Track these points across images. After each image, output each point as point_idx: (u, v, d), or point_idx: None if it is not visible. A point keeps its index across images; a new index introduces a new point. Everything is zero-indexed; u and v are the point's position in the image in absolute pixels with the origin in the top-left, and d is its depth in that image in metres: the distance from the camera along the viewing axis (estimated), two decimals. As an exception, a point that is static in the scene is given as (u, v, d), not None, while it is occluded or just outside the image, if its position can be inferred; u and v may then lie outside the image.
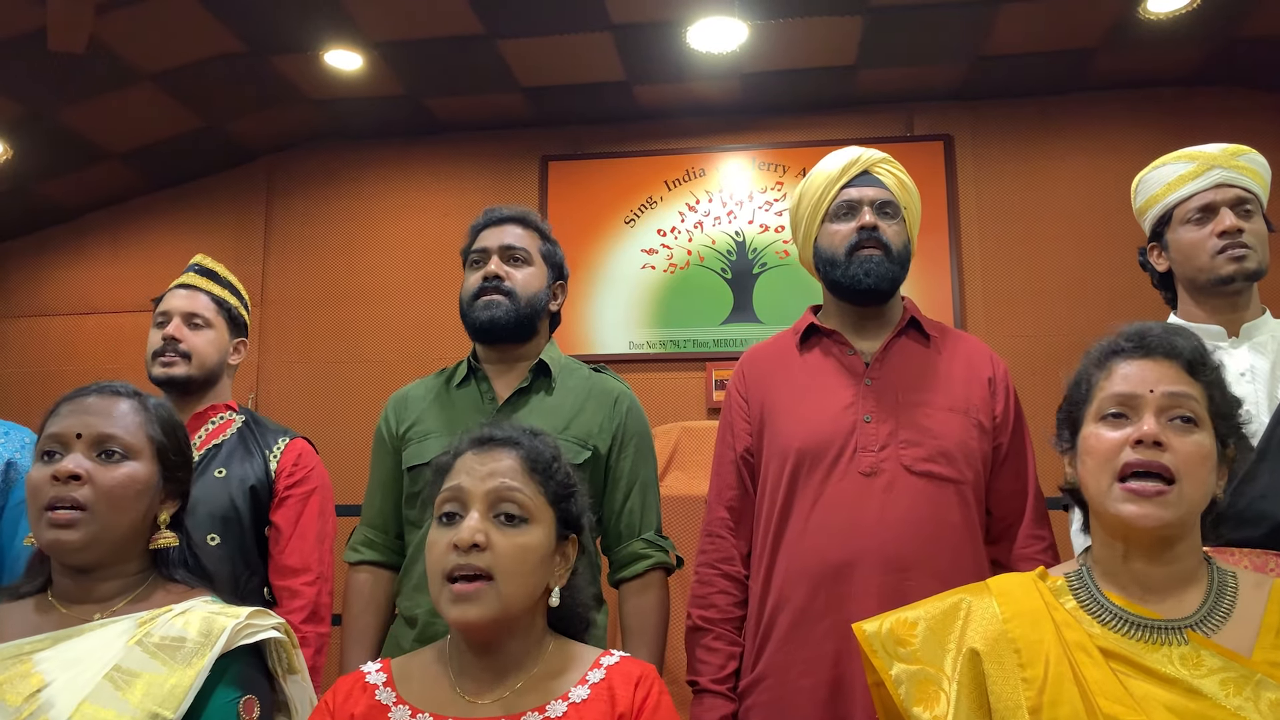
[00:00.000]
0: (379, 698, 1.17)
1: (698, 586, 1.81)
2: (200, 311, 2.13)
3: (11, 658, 1.13)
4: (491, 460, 1.21)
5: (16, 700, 1.08)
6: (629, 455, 1.92)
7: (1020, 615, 1.11)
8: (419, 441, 1.91)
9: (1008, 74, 4.35)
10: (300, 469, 2.07)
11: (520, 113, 4.67)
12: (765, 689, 1.68)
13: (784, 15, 3.85)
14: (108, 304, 5.02)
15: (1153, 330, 1.20)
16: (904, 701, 1.11)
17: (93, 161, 4.70)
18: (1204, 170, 1.79)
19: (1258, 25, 3.93)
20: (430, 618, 1.74)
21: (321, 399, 4.70)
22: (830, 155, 1.89)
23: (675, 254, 4.62)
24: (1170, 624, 1.07)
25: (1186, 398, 1.13)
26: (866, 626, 1.19)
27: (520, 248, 1.99)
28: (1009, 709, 1.05)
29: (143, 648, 1.14)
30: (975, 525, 1.70)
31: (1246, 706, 0.99)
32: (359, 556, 1.93)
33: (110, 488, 1.22)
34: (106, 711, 1.07)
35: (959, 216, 4.50)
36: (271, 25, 3.90)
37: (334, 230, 4.93)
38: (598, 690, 1.16)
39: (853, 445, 1.69)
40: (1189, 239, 1.78)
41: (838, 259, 1.78)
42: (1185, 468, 1.09)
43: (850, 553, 1.64)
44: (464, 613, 1.12)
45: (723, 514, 1.83)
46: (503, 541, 1.15)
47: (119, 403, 1.30)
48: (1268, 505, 1.51)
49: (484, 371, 1.98)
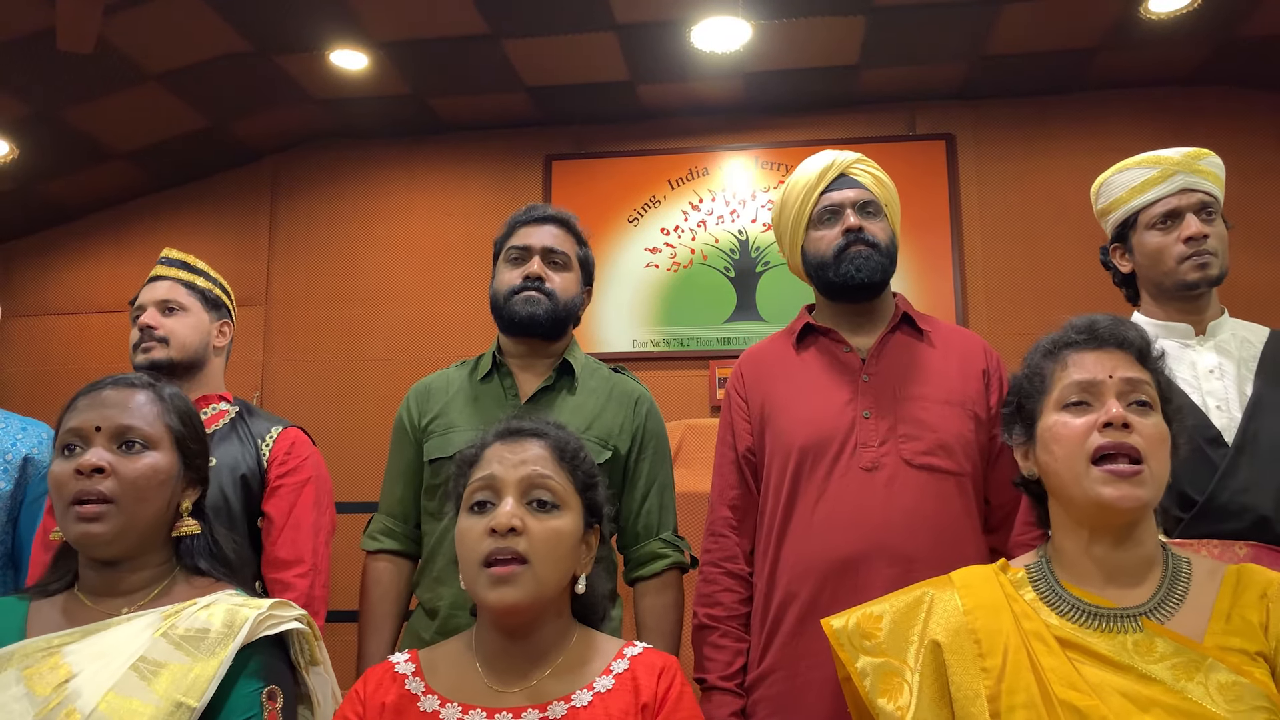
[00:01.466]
0: (409, 687, 1.19)
1: (703, 585, 1.83)
2: (174, 298, 2.12)
3: (41, 651, 1.15)
4: (522, 450, 1.24)
5: (45, 690, 1.10)
6: (648, 457, 1.95)
7: (981, 607, 1.13)
8: (442, 434, 1.92)
9: (1009, 73, 4.37)
10: (293, 458, 2.02)
11: (524, 112, 4.70)
12: (773, 683, 1.70)
13: (787, 15, 3.87)
14: (112, 303, 5.04)
15: (1101, 321, 1.24)
16: (869, 693, 1.13)
17: (97, 161, 4.72)
18: (1168, 175, 1.80)
19: (1258, 25, 3.95)
20: (452, 610, 1.76)
21: (326, 397, 4.72)
22: (805, 162, 1.91)
23: (679, 253, 4.65)
24: (1125, 612, 1.10)
25: (1142, 383, 1.16)
26: (834, 623, 1.21)
27: (561, 251, 2.00)
28: (968, 698, 1.07)
29: (168, 639, 1.16)
30: (975, 516, 1.73)
31: (1196, 690, 1.01)
32: (378, 545, 1.94)
33: (134, 479, 1.24)
34: (132, 700, 1.09)
35: (961, 215, 4.52)
36: (277, 25, 3.92)
37: (338, 229, 4.96)
38: (622, 680, 1.18)
39: (853, 441, 1.71)
40: (1155, 244, 1.80)
41: (827, 262, 1.81)
42: (1150, 448, 1.12)
43: (856, 547, 1.66)
44: (503, 595, 1.15)
45: (726, 513, 1.85)
46: (537, 526, 1.18)
47: (136, 394, 1.31)
48: (1250, 498, 1.54)
49: (508, 367, 1.98)
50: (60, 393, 5.05)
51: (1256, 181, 4.37)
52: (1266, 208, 4.36)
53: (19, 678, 1.12)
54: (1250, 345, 1.77)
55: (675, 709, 1.16)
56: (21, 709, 1.08)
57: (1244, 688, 1.01)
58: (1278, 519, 1.54)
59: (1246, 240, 4.28)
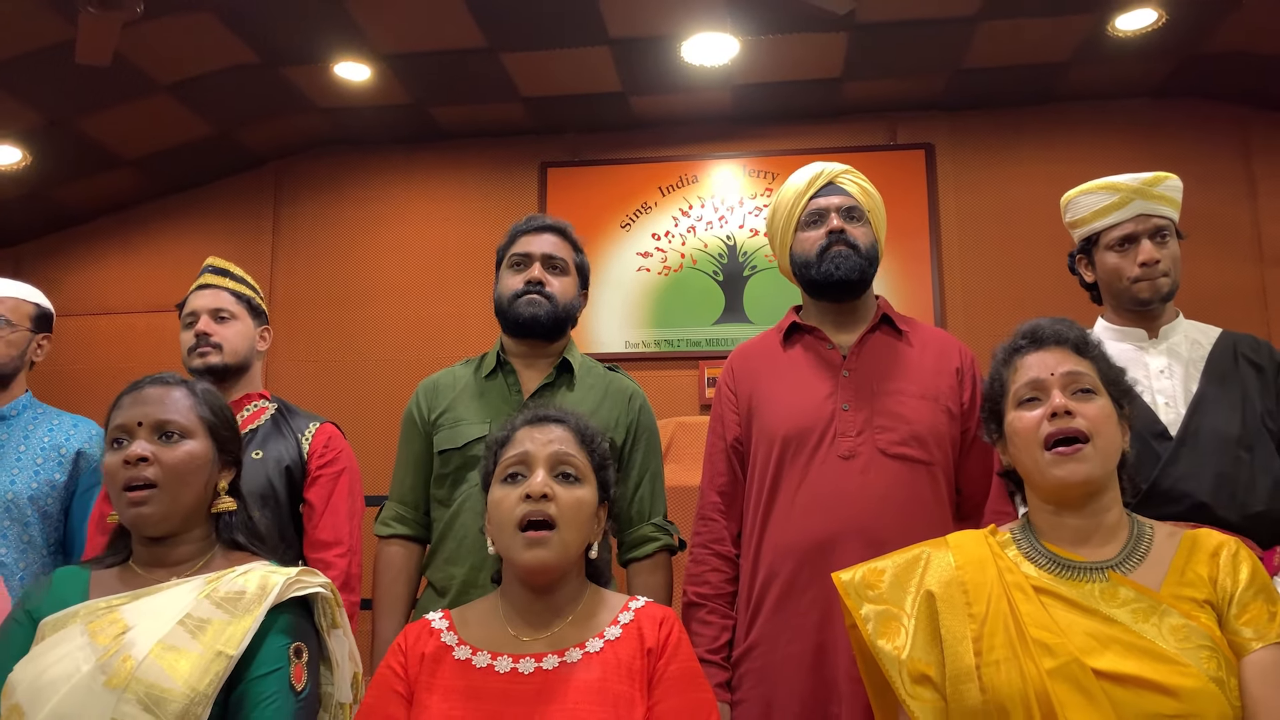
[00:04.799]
0: (444, 640, 1.36)
1: (692, 566, 1.98)
2: (224, 306, 2.27)
3: (102, 609, 1.32)
4: (549, 431, 1.41)
5: (105, 640, 1.27)
6: (641, 448, 2.10)
7: (970, 563, 1.32)
8: (451, 427, 2.07)
9: (985, 86, 4.57)
10: (331, 450, 2.20)
11: (521, 121, 4.87)
12: (756, 656, 1.85)
13: (773, 31, 4.06)
14: (120, 304, 5.19)
15: (1042, 325, 1.43)
16: (871, 636, 1.31)
17: (107, 167, 4.87)
18: (1126, 202, 1.96)
19: (1220, 42, 4.15)
20: (464, 588, 1.92)
21: (328, 395, 4.87)
22: (797, 171, 2.08)
23: (669, 257, 4.83)
24: (1094, 565, 1.28)
25: (1081, 374, 1.35)
26: (843, 576, 1.40)
27: (560, 257, 2.16)
28: (956, 639, 1.25)
29: (210, 600, 1.33)
30: (945, 502, 1.89)
31: (1150, 630, 1.20)
32: (390, 531, 2.10)
33: (174, 465, 1.41)
34: (179, 650, 1.26)
35: (939, 220, 4.72)
36: (285, 38, 4.08)
37: (340, 233, 5.11)
38: (628, 629, 1.36)
39: (832, 431, 1.87)
40: (1112, 264, 1.97)
41: (811, 260, 1.97)
42: (1094, 426, 1.31)
43: (832, 530, 1.81)
44: (536, 555, 1.32)
45: (715, 498, 2.00)
46: (564, 495, 1.35)
47: (171, 391, 1.48)
48: (1187, 485, 1.73)
49: (511, 365, 2.14)
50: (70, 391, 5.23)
51: (1219, 188, 4.58)
52: (1228, 213, 4.57)
53: (83, 630, 1.29)
54: (1200, 347, 1.93)
55: (675, 653, 1.33)
56: (85, 655, 1.26)
57: (1191, 629, 1.20)
58: (1213, 504, 1.72)
59: (1209, 243, 4.50)
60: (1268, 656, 1.18)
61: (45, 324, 2.47)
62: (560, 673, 1.30)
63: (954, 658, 1.24)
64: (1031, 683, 1.18)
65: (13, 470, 2.23)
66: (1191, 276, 4.40)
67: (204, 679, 1.24)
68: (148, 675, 1.23)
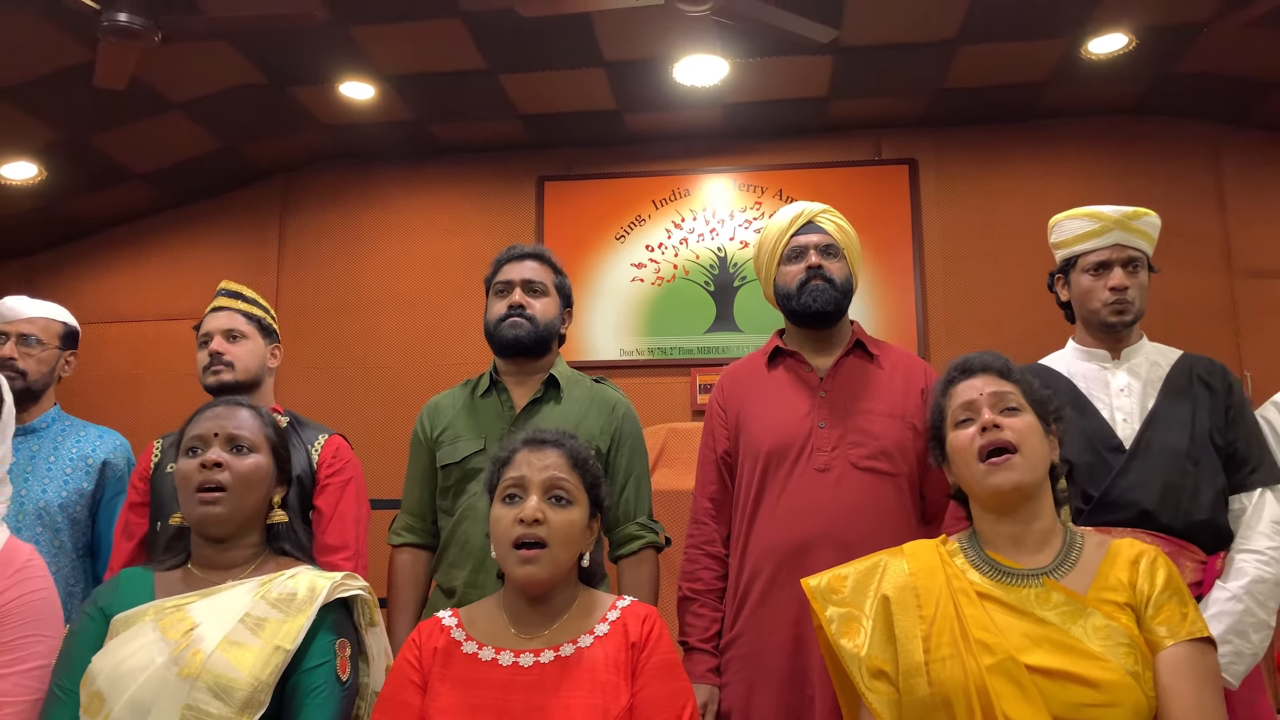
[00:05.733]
0: (454, 636, 1.53)
1: (686, 564, 2.18)
2: (236, 326, 2.41)
3: (171, 608, 1.50)
4: (544, 456, 1.57)
5: (176, 636, 1.45)
6: (625, 454, 2.28)
7: (922, 570, 1.49)
8: (450, 444, 2.26)
9: (966, 104, 4.75)
10: (338, 460, 2.33)
11: (519, 137, 5.04)
12: (742, 644, 2.05)
13: (762, 55, 4.23)
14: (130, 313, 5.36)
15: (971, 357, 1.61)
16: (834, 635, 1.49)
17: (119, 181, 5.04)
18: (1106, 230, 2.12)
19: (1190, 63, 4.34)
20: (467, 590, 2.11)
21: (331, 402, 5.04)
22: (780, 210, 2.27)
23: (662, 268, 5.01)
24: (1030, 572, 1.46)
25: (1006, 393, 1.53)
26: (811, 581, 1.57)
27: (539, 281, 2.33)
28: (908, 637, 1.43)
29: (265, 601, 1.50)
30: (910, 510, 2.08)
31: (1077, 630, 1.37)
32: (400, 540, 2.28)
33: (244, 473, 1.59)
34: (242, 644, 1.44)
35: (922, 232, 4.90)
36: (293, 60, 4.25)
37: (344, 245, 5.28)
38: (615, 626, 1.53)
39: (810, 446, 2.06)
40: (1086, 286, 2.14)
41: (792, 292, 2.16)
42: (1020, 438, 1.48)
43: (808, 534, 2.01)
44: (529, 572, 1.49)
45: (706, 504, 2.20)
46: (555, 517, 1.52)
47: (241, 410, 1.66)
48: (1135, 494, 1.90)
49: (503, 384, 2.32)
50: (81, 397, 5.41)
51: (1190, 202, 4.78)
52: (1198, 226, 4.76)
53: (154, 626, 1.47)
54: (1159, 367, 2.09)
55: (656, 647, 1.51)
56: (158, 649, 1.43)
57: (1113, 629, 1.37)
58: (1158, 512, 1.89)
59: (1180, 255, 4.70)
60: (1179, 652, 1.36)
61: (72, 341, 2.63)
62: (555, 665, 1.48)
63: (906, 655, 1.42)
64: (972, 677, 1.35)
65: (44, 480, 2.40)
66: (1164, 288, 4.63)
67: (265, 670, 1.42)
68: (216, 667, 1.40)
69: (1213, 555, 1.92)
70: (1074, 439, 1.81)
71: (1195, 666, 1.36)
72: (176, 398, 5.09)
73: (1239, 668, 1.78)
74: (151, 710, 1.38)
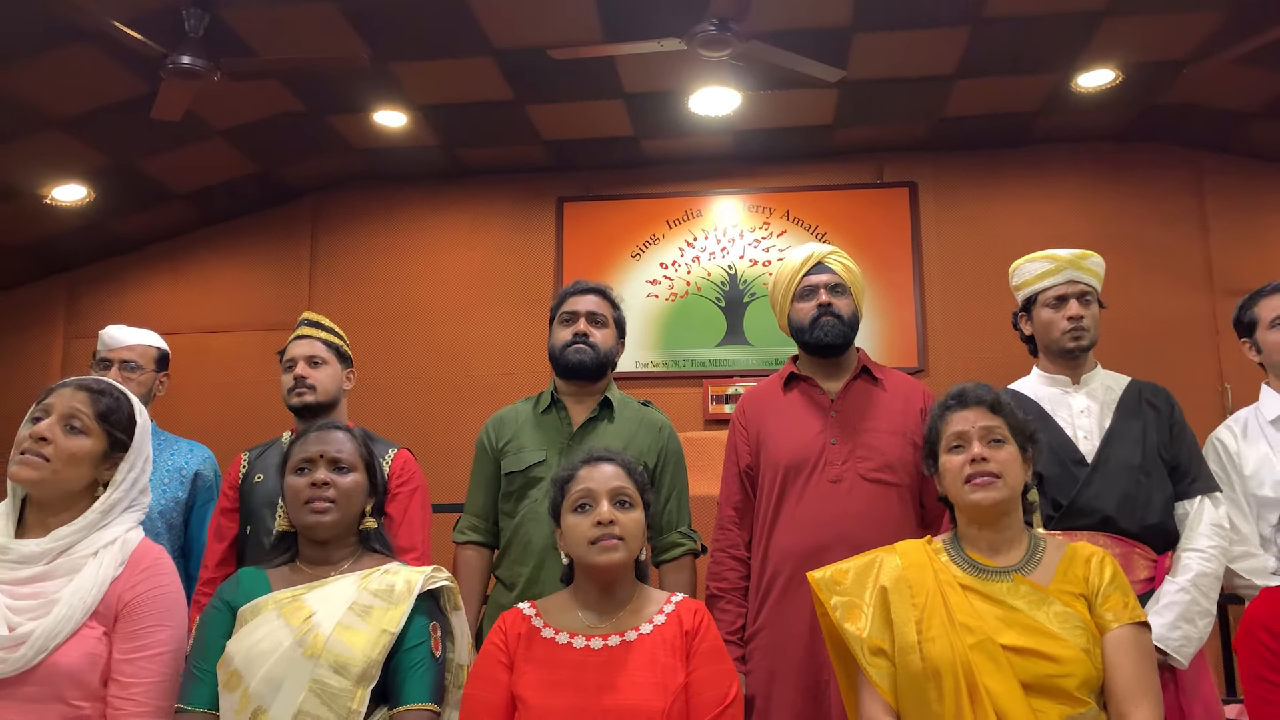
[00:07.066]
0: (534, 623, 1.80)
1: (713, 565, 2.45)
2: (317, 353, 2.65)
3: (289, 597, 1.77)
4: (604, 469, 1.84)
5: (297, 622, 1.72)
6: (670, 470, 2.54)
7: (913, 565, 1.77)
8: (515, 454, 2.51)
9: (964, 131, 5.04)
10: (406, 472, 2.58)
11: (540, 160, 5.33)
12: (764, 636, 2.31)
13: (771, 87, 4.52)
14: (168, 326, 5.56)
15: (968, 389, 1.85)
16: (839, 620, 1.76)
17: (160, 201, 5.32)
18: (1060, 269, 2.42)
19: (1175, 95, 4.62)
20: (528, 584, 2.37)
21: (361, 411, 5.29)
22: (792, 250, 2.54)
23: (675, 284, 5.29)
24: (1002, 569, 1.74)
25: (995, 427, 1.79)
26: (815, 574, 1.84)
27: (601, 314, 2.57)
28: (903, 621, 1.70)
29: (369, 592, 1.77)
30: (911, 516, 2.35)
31: (1041, 616, 1.65)
32: (465, 538, 2.54)
33: (346, 489, 1.87)
34: (353, 629, 1.71)
35: (922, 252, 5.18)
36: (332, 91, 4.53)
37: (373, 261, 5.56)
38: (671, 617, 1.80)
39: (823, 461, 2.34)
40: (1047, 319, 2.43)
41: (805, 327, 2.43)
42: (1003, 468, 1.75)
43: (823, 538, 2.27)
44: (610, 558, 1.76)
45: (730, 512, 2.47)
46: (624, 518, 1.79)
47: (339, 434, 1.93)
48: (1098, 503, 2.19)
49: (563, 402, 2.57)
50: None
51: (1174, 224, 5.06)
52: (1182, 247, 5.05)
53: (277, 615, 1.74)
54: (1113, 391, 2.39)
55: (705, 635, 1.78)
56: (284, 633, 1.70)
57: (1070, 615, 1.65)
58: (1118, 517, 2.18)
59: (1165, 275, 4.99)
60: (1122, 633, 1.65)
61: (164, 364, 2.89)
62: (621, 648, 1.75)
63: (901, 635, 1.69)
64: (958, 653, 1.63)
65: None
66: (1149, 305, 4.92)
67: (375, 649, 1.69)
68: (334, 647, 1.68)
69: (1162, 554, 2.20)
70: (1042, 454, 2.10)
71: (1135, 644, 1.65)
72: (211, 407, 5.37)
73: (1188, 650, 2.06)
74: (283, 684, 1.65)
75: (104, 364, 2.74)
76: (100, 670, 1.70)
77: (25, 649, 1.63)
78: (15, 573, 1.71)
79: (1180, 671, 2.08)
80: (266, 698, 1.66)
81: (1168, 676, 2.07)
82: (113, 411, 1.81)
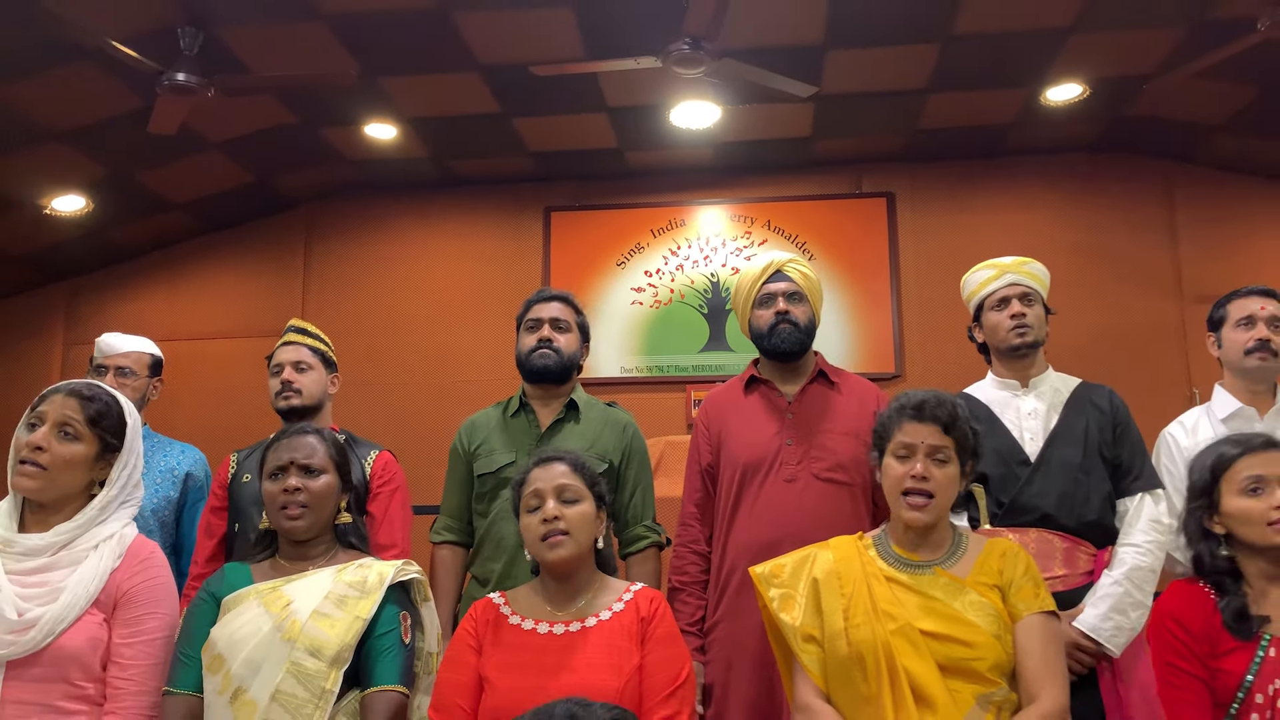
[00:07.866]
0: (502, 611, 1.94)
1: (675, 560, 2.57)
2: (303, 359, 2.77)
3: (269, 588, 1.90)
4: (553, 469, 1.97)
5: (276, 610, 1.85)
6: (634, 467, 2.68)
7: (842, 559, 1.89)
8: (486, 456, 2.65)
9: (940, 142, 5.18)
10: (387, 472, 2.71)
11: (528, 171, 5.47)
12: (721, 628, 2.43)
13: (750, 101, 4.65)
14: (165, 332, 5.70)
15: (927, 400, 1.92)
16: (775, 610, 1.89)
17: (157, 211, 5.46)
18: (1002, 274, 2.56)
19: (1142, 107, 4.76)
20: (500, 578, 2.50)
21: (351, 415, 5.42)
22: (753, 259, 2.68)
23: (660, 292, 5.42)
24: (925, 562, 1.87)
25: (943, 447, 1.88)
26: (757, 569, 1.97)
27: (564, 319, 2.71)
28: (831, 610, 1.83)
29: (344, 583, 1.90)
30: (863, 514, 2.47)
31: (958, 604, 1.78)
32: (441, 538, 2.67)
33: (318, 492, 1.99)
34: (329, 616, 1.84)
35: (899, 260, 5.32)
36: (324, 104, 4.67)
37: (364, 269, 5.70)
38: (628, 604, 1.93)
39: (779, 461, 2.46)
40: (993, 320, 2.56)
41: (763, 333, 2.56)
42: (939, 488, 1.86)
43: (778, 535, 2.36)
44: (558, 554, 1.89)
45: (692, 509, 2.59)
46: (569, 512, 1.92)
47: (308, 438, 2.06)
48: (1038, 500, 2.31)
49: (531, 405, 2.71)
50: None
51: (1144, 234, 5.20)
52: (1151, 256, 5.18)
53: (258, 603, 1.87)
54: (1060, 393, 2.50)
55: (660, 621, 1.91)
56: (264, 620, 1.84)
57: (984, 604, 1.78)
58: (1057, 514, 2.29)
59: (1135, 283, 5.12)
60: (1032, 620, 1.78)
61: (158, 369, 3.02)
62: (580, 633, 1.89)
63: (830, 623, 1.82)
64: (880, 639, 1.76)
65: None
66: (1119, 313, 5.06)
67: (348, 634, 1.83)
68: (310, 632, 1.81)
69: (1101, 549, 2.32)
70: (989, 456, 2.21)
71: (1043, 630, 1.78)
72: (206, 411, 5.49)
73: (1120, 640, 2.18)
74: (263, 666, 1.79)
75: (100, 370, 2.88)
76: (101, 653, 1.85)
77: (34, 632, 1.78)
78: (22, 564, 1.85)
79: (1117, 660, 2.20)
80: (247, 679, 1.79)
81: (1105, 665, 2.20)
82: (103, 415, 1.95)
